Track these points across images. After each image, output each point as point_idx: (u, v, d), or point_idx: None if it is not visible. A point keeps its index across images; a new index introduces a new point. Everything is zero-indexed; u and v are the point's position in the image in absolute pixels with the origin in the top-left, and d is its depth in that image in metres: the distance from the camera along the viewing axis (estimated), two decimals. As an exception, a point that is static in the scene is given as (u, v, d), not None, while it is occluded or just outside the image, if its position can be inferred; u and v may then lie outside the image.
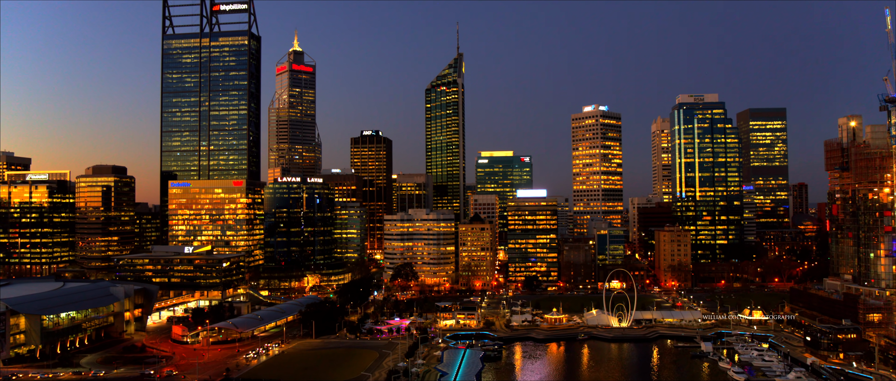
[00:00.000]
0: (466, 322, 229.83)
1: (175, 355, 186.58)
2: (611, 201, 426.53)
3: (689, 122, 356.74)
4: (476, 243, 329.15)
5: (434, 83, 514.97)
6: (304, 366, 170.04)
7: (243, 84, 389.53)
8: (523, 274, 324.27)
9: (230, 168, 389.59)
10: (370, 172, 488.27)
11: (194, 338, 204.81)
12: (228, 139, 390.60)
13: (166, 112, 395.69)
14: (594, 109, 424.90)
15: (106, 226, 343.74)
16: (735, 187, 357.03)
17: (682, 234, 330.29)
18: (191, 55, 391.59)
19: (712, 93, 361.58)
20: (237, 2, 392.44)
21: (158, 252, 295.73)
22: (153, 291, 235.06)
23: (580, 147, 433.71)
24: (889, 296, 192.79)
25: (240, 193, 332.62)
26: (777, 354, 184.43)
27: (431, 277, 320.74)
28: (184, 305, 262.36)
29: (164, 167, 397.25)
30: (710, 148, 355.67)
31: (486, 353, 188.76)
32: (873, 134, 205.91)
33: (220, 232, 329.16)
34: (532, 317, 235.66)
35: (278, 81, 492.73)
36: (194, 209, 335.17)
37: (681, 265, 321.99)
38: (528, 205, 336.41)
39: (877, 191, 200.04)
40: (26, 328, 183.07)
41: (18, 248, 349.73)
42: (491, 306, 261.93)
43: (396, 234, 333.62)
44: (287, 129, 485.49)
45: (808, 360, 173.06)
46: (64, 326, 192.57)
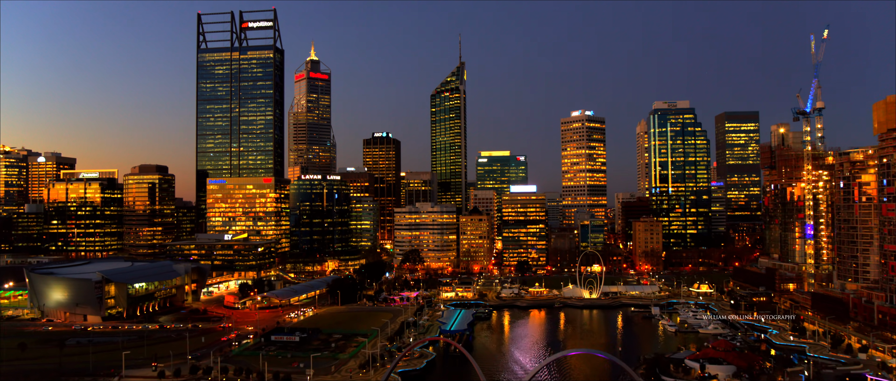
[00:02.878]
0: (464, 294, 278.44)
1: (231, 316, 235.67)
2: (595, 196, 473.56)
3: (663, 125, 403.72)
4: (475, 232, 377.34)
5: (439, 89, 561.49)
6: (335, 322, 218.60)
7: (269, 92, 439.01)
8: (516, 259, 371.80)
9: (257, 167, 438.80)
10: (381, 171, 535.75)
11: (243, 305, 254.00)
12: (256, 141, 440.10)
13: (201, 117, 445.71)
14: (581, 114, 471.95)
15: (151, 218, 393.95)
16: (704, 183, 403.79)
17: (654, 224, 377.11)
18: (222, 67, 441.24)
19: (685, 99, 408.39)
20: (263, 19, 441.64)
21: (202, 239, 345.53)
22: (206, 269, 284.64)
23: (568, 148, 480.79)
24: (803, 270, 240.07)
25: (269, 189, 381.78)
26: (709, 314, 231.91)
27: (436, 262, 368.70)
28: (226, 283, 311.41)
29: (199, 166, 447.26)
30: (681, 149, 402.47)
31: (478, 313, 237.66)
32: (793, 139, 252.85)
33: (251, 223, 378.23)
34: (518, 290, 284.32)
35: (297, 88, 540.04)
36: (229, 203, 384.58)
37: (653, 251, 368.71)
38: (520, 199, 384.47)
39: (794, 186, 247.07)
40: (115, 294, 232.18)
41: (75, 237, 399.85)
42: (485, 284, 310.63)
43: (405, 224, 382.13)
44: (305, 131, 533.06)
45: (729, 317, 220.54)
46: (141, 293, 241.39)
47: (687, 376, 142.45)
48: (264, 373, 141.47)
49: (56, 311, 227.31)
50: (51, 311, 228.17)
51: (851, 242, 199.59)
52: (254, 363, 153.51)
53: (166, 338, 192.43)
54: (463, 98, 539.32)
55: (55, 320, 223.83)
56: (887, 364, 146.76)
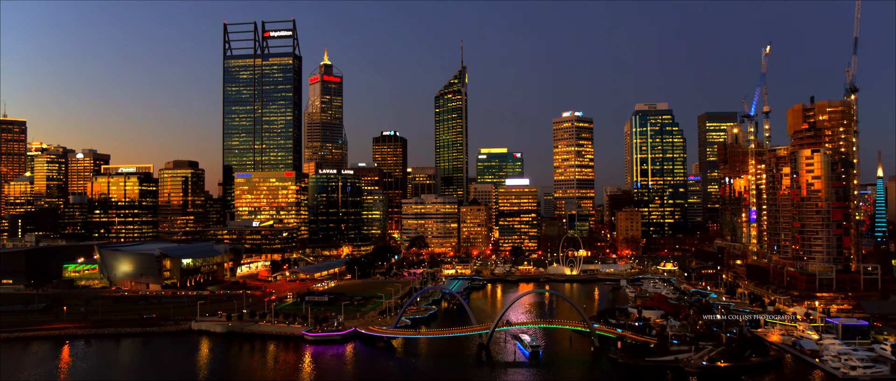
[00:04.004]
0: (462, 271, 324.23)
1: (267, 287, 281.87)
2: (584, 189, 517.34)
3: (644, 125, 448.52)
4: (474, 221, 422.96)
5: (442, 91, 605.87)
6: (354, 289, 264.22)
7: (289, 95, 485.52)
8: (511, 245, 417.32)
9: (278, 163, 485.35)
10: (389, 166, 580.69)
11: (275, 278, 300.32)
12: (277, 139, 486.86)
13: (227, 118, 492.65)
14: (571, 115, 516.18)
15: (184, 208, 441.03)
16: (680, 178, 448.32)
17: (635, 213, 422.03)
18: (246, 72, 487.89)
19: (664, 102, 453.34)
20: (283, 29, 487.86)
21: (233, 225, 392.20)
22: (241, 249, 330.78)
23: (559, 145, 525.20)
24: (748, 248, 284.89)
25: (290, 182, 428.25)
26: (668, 286, 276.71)
27: (439, 247, 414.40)
28: (256, 263, 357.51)
29: (225, 162, 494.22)
30: (660, 146, 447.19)
31: (474, 284, 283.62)
32: (743, 139, 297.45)
33: (274, 212, 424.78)
34: (510, 268, 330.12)
35: (311, 90, 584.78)
36: (254, 194, 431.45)
37: (633, 238, 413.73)
38: (514, 191, 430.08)
39: (741, 178, 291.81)
40: (171, 267, 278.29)
41: (115, 225, 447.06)
42: (482, 264, 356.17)
43: (412, 214, 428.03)
44: (319, 129, 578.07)
45: (682, 286, 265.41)
46: (191, 268, 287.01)
47: (627, 318, 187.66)
48: (308, 316, 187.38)
49: (123, 281, 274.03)
50: (118, 281, 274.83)
51: (776, 222, 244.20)
52: (296, 313, 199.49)
53: (221, 299, 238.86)
54: (464, 100, 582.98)
55: (122, 288, 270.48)
56: (780, 310, 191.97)
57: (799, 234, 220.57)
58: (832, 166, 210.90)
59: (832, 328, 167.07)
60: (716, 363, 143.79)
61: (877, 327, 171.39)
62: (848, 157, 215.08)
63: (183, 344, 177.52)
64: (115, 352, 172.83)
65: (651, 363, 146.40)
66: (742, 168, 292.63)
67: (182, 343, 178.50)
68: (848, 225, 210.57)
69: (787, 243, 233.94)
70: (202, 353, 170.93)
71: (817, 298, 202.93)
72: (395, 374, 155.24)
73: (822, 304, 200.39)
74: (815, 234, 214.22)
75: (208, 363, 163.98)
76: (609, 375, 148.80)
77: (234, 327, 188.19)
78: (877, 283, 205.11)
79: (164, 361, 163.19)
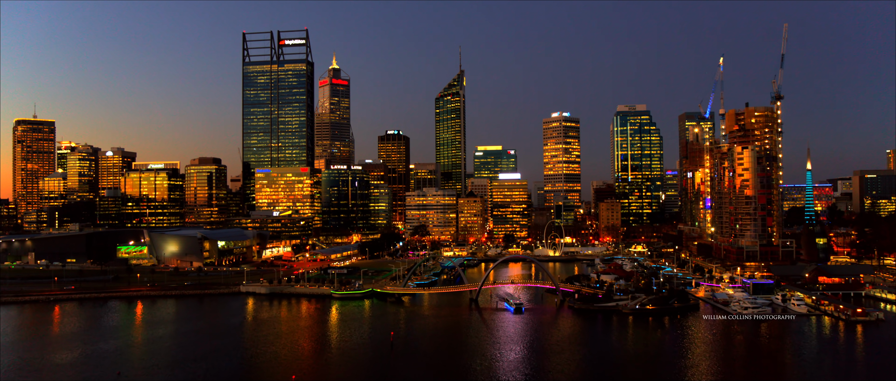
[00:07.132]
0: (460, 253, 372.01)
1: (293, 265, 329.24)
2: (571, 183, 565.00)
3: (624, 124, 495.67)
4: (470, 211, 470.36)
5: (442, 93, 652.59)
6: (368, 267, 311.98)
7: (302, 98, 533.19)
8: (503, 233, 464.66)
9: (292, 160, 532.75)
10: (393, 163, 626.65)
11: (298, 259, 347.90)
12: (292, 138, 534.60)
13: (246, 119, 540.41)
14: (559, 115, 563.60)
15: (209, 201, 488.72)
16: (657, 172, 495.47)
17: (615, 204, 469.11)
18: (264, 77, 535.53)
19: (642, 103, 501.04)
20: (297, 38, 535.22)
21: (256, 215, 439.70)
22: (266, 234, 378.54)
23: (548, 143, 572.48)
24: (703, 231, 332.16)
25: (305, 177, 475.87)
26: (635, 263, 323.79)
27: (439, 235, 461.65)
28: (276, 249, 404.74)
29: (244, 159, 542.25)
30: (639, 144, 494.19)
31: (469, 262, 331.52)
32: (701, 137, 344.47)
33: (291, 204, 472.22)
34: (501, 250, 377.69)
35: (321, 92, 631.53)
36: (273, 188, 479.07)
37: (614, 227, 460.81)
38: (507, 184, 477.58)
39: (699, 172, 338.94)
40: (209, 248, 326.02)
41: (147, 217, 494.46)
42: (477, 249, 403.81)
43: (414, 205, 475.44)
44: (328, 129, 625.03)
45: (646, 263, 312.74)
46: (226, 249, 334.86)
47: (587, 281, 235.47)
48: (334, 280, 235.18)
49: (169, 260, 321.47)
50: (165, 259, 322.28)
51: (720, 208, 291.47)
52: (324, 279, 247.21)
53: (258, 273, 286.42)
54: (462, 101, 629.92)
55: (169, 265, 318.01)
56: (714, 276, 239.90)
57: (733, 216, 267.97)
58: (758, 160, 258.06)
59: (746, 287, 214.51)
60: (646, 307, 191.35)
61: (782, 286, 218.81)
62: (772, 153, 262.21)
63: (235, 301, 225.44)
64: (182, 307, 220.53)
65: (598, 308, 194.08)
66: (700, 163, 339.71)
67: (234, 301, 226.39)
68: (770, 208, 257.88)
69: (727, 224, 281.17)
70: (251, 307, 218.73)
71: (744, 266, 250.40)
72: (405, 318, 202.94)
73: (748, 272, 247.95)
74: (746, 215, 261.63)
75: (258, 312, 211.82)
76: (568, 317, 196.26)
77: (274, 288, 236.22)
78: (791, 254, 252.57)
79: (224, 311, 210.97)
